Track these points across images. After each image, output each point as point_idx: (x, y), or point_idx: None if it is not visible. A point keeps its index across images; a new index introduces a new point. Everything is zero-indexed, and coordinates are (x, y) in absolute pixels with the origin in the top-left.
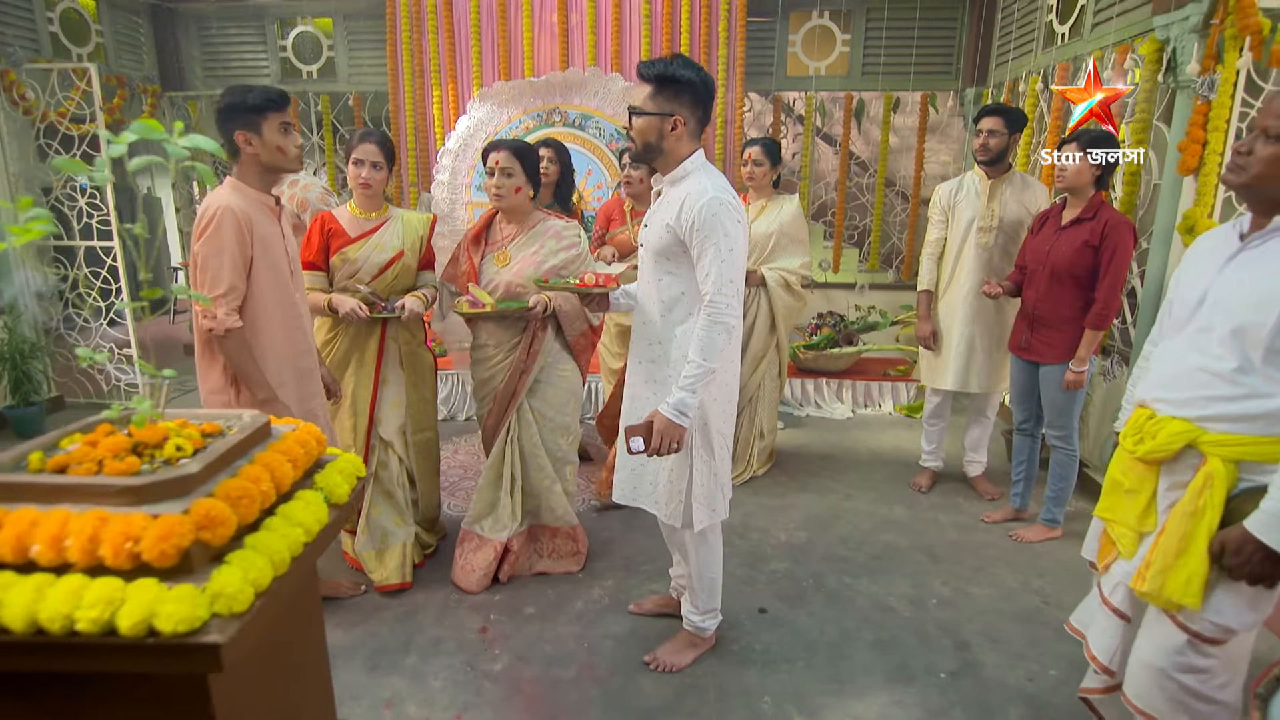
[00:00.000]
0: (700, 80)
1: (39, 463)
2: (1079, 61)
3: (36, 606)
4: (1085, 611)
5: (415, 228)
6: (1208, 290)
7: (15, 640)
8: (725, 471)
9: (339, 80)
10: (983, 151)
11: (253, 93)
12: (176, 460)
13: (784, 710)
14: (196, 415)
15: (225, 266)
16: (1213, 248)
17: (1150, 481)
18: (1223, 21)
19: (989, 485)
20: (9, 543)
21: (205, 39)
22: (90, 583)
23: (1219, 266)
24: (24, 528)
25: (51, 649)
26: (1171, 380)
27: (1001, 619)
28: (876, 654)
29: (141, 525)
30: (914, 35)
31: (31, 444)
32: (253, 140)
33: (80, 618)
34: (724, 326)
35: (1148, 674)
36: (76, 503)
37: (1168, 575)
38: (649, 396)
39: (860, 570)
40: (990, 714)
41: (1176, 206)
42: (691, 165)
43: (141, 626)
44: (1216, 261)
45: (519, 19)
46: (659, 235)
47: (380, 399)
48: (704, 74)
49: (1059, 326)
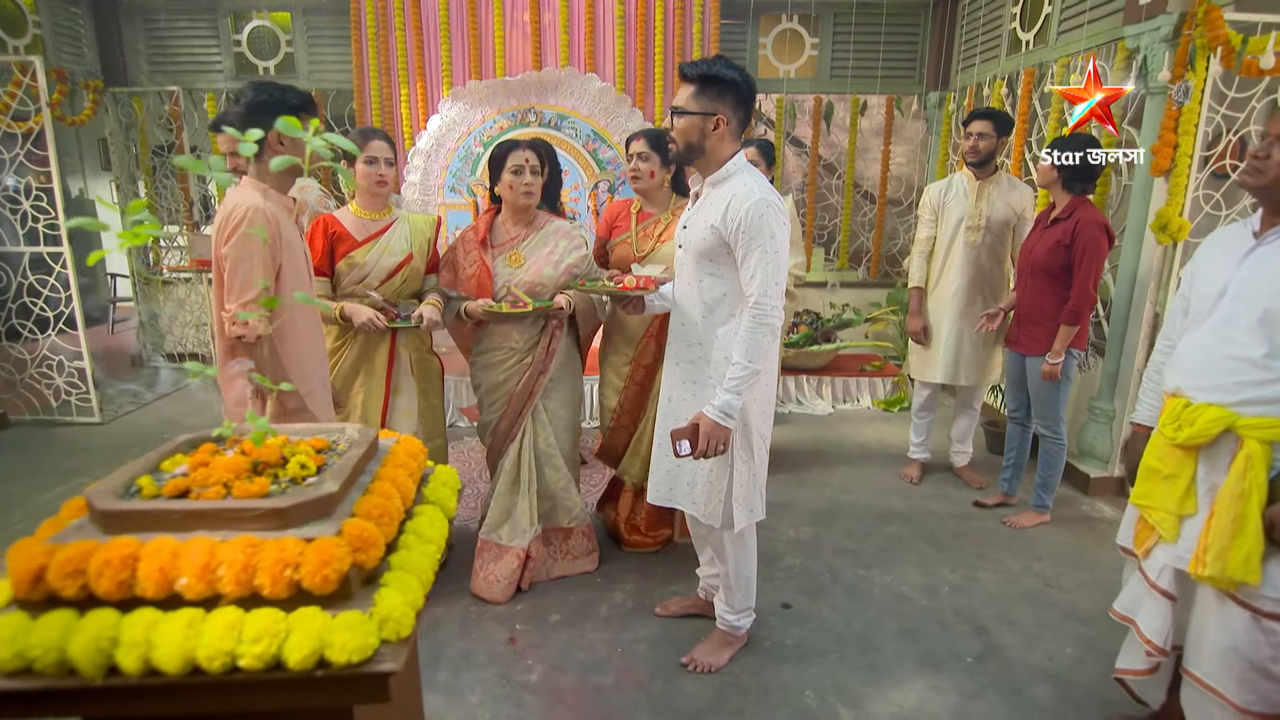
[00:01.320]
0: (743, 80)
1: (154, 488)
2: (1044, 68)
3: (193, 644)
4: (1130, 598)
5: (422, 229)
6: (1228, 284)
7: (166, 683)
8: (764, 472)
9: (299, 77)
10: (973, 154)
11: (290, 92)
12: (302, 479)
13: (828, 703)
14: (295, 431)
15: (256, 270)
16: (1227, 245)
17: (1189, 467)
18: (1193, 32)
19: (974, 474)
20: (152, 577)
21: (152, 32)
22: (246, 615)
23: (1237, 261)
24: (166, 559)
25: (207, 690)
26: (1203, 369)
27: (1011, 602)
28: (903, 643)
29: (298, 550)
30: (880, 39)
31: (130, 470)
32: (285, 141)
33: (244, 653)
34: (769, 328)
35: (1216, 652)
36: (215, 529)
37: (1227, 556)
38: (688, 398)
39: (871, 562)
40: (1020, 694)
41: (1147, 206)
42: (734, 166)
43: (312, 659)
44: (1233, 257)
45: (490, 17)
46: (701, 236)
47: (392, 408)
48: (746, 75)
49: (1041, 321)
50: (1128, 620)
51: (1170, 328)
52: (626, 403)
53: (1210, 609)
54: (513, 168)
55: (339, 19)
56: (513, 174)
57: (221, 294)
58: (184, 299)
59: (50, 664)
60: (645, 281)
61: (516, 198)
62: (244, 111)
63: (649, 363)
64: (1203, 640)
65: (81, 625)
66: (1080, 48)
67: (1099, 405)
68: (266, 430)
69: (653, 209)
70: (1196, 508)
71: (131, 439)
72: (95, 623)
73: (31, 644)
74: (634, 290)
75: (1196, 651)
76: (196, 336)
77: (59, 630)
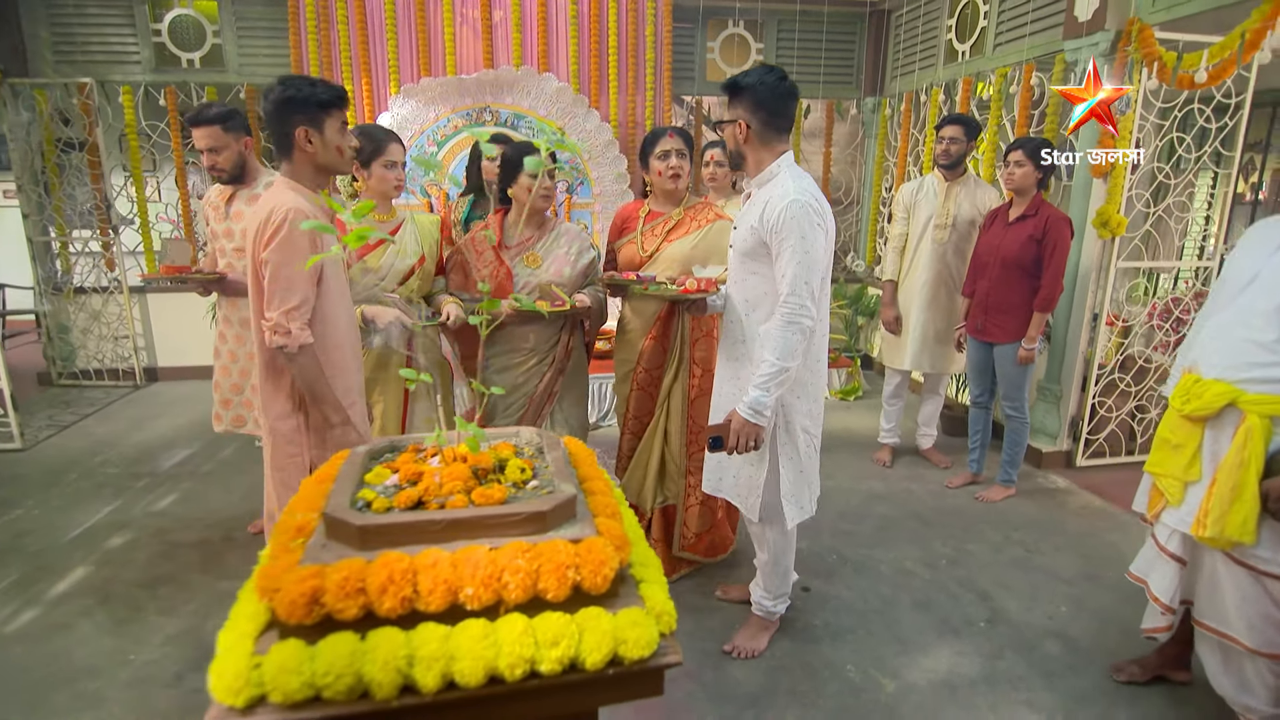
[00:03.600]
0: (761, 83)
1: (385, 501)
2: (982, 76)
3: (492, 654)
4: (1144, 560)
5: (429, 230)
6: (1259, 272)
7: (461, 696)
8: (813, 469)
9: (228, 70)
10: (944, 156)
11: (319, 86)
12: (523, 483)
13: (870, 675)
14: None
15: (299, 276)
16: (1266, 237)
17: (1195, 437)
18: (1130, 49)
19: (940, 455)
20: (437, 590)
21: (57, 19)
22: (532, 621)
23: (1270, 253)
24: (447, 571)
25: (502, 699)
26: (1219, 348)
27: (1002, 569)
28: (919, 614)
29: (573, 552)
30: (821, 46)
31: (342, 486)
32: (314, 138)
33: (543, 658)
34: (799, 326)
35: (1228, 604)
36: (477, 537)
37: (1226, 519)
38: (733, 393)
39: (871, 542)
40: (1034, 650)
41: (1087, 204)
42: (778, 167)
43: (607, 658)
44: (1268, 248)
45: (439, 13)
46: (744, 237)
47: (411, 415)
48: (768, 77)
49: (1010, 311)
50: (1140, 581)
51: (1207, 307)
52: (633, 406)
53: (1220, 569)
54: (532, 172)
55: (271, 9)
56: (531, 178)
57: (260, 302)
58: (99, 311)
59: (342, 690)
60: (707, 284)
61: (535, 200)
62: (273, 109)
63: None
64: (1214, 594)
65: (372, 645)
66: (1018, 59)
67: (1047, 386)
68: (481, 437)
69: (663, 208)
70: (1200, 474)
71: (62, 464)
72: (389, 641)
73: (320, 670)
74: (696, 292)
75: (1209, 604)
76: (115, 351)
77: (347, 654)
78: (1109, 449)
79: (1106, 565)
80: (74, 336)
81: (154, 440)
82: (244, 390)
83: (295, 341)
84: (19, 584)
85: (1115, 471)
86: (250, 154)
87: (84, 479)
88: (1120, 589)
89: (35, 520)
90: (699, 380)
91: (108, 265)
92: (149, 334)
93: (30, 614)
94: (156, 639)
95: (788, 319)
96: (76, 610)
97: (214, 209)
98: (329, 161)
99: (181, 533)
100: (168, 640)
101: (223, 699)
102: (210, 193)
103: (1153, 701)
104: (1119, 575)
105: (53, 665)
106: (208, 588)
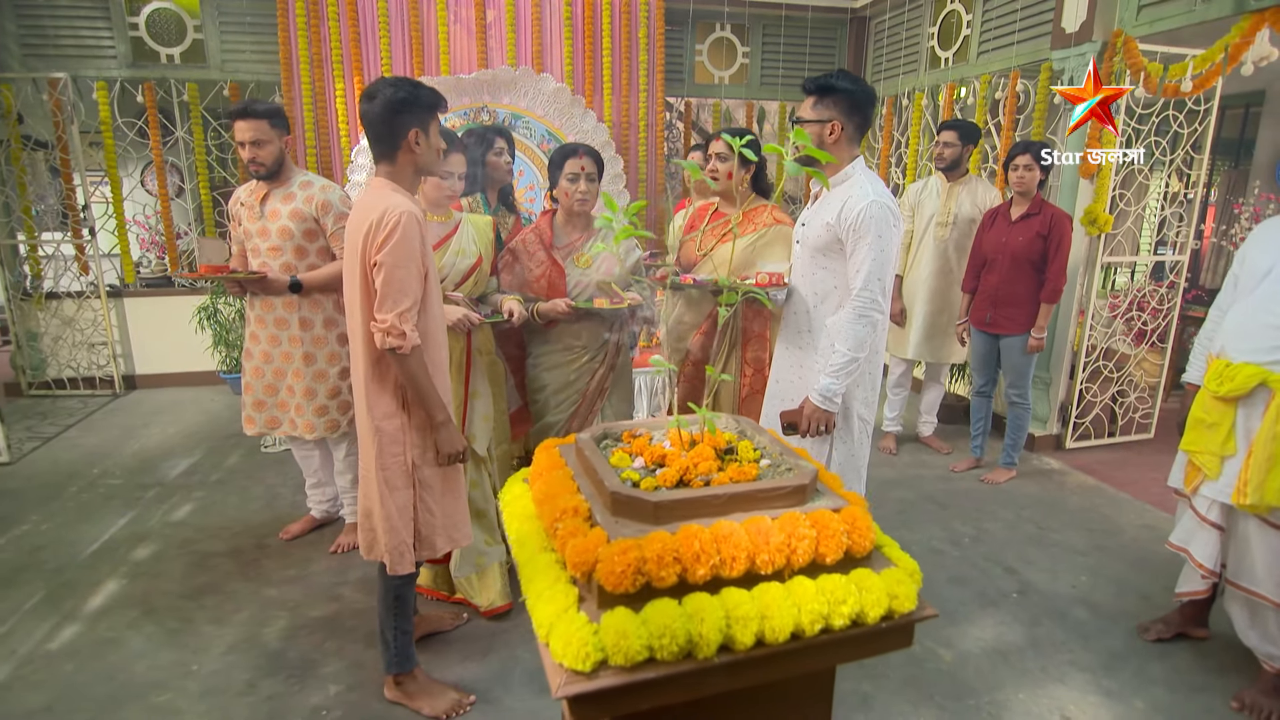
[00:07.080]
0: (857, 89)
1: (652, 480)
2: (966, 82)
3: (795, 612)
4: (1183, 530)
5: (484, 231)
6: (1275, 264)
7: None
8: (863, 454)
9: (209, 67)
10: (939, 160)
11: (423, 88)
12: (752, 463)
13: (927, 647)
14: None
15: (412, 278)
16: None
17: (1229, 416)
18: (1116, 59)
19: (940, 441)
20: (740, 556)
21: (26, 12)
22: (817, 582)
23: None
24: (744, 539)
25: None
26: (1244, 334)
27: (1021, 545)
28: (957, 588)
29: (843, 521)
30: (805, 50)
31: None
32: (421, 139)
33: (834, 614)
34: (870, 320)
35: (1261, 565)
36: (750, 510)
37: (1264, 487)
38: (795, 380)
39: (896, 523)
40: (1065, 617)
41: (1074, 202)
42: (852, 169)
43: (885, 612)
44: None
45: (432, 11)
46: (818, 233)
47: (471, 414)
48: (862, 84)
49: (1019, 303)
50: (1182, 550)
51: (1221, 299)
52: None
53: (1252, 533)
54: (569, 174)
55: (257, 4)
56: (569, 181)
57: (367, 303)
58: (72, 317)
59: (674, 650)
60: (776, 278)
61: (572, 204)
62: (383, 110)
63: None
64: (1245, 556)
65: (692, 608)
66: (1003, 66)
67: (1038, 374)
68: (716, 418)
69: (728, 209)
70: (1236, 449)
71: (57, 477)
72: (707, 604)
73: (655, 632)
74: (769, 286)
75: (1241, 565)
76: (90, 359)
77: (676, 616)
78: (1093, 431)
79: (1108, 537)
80: (44, 344)
81: (151, 449)
82: (279, 391)
83: (409, 343)
84: (48, 600)
85: (1100, 452)
86: (288, 152)
87: (86, 491)
88: (1127, 558)
89: (45, 535)
90: (749, 380)
91: (82, 269)
92: (126, 340)
93: (71, 630)
94: (216, 649)
95: (859, 312)
96: (122, 624)
97: (247, 208)
98: (429, 163)
99: (209, 542)
100: (230, 649)
101: (572, 665)
102: (240, 192)
103: (1181, 656)
104: (1122, 546)
105: (113, 681)
106: (254, 595)
